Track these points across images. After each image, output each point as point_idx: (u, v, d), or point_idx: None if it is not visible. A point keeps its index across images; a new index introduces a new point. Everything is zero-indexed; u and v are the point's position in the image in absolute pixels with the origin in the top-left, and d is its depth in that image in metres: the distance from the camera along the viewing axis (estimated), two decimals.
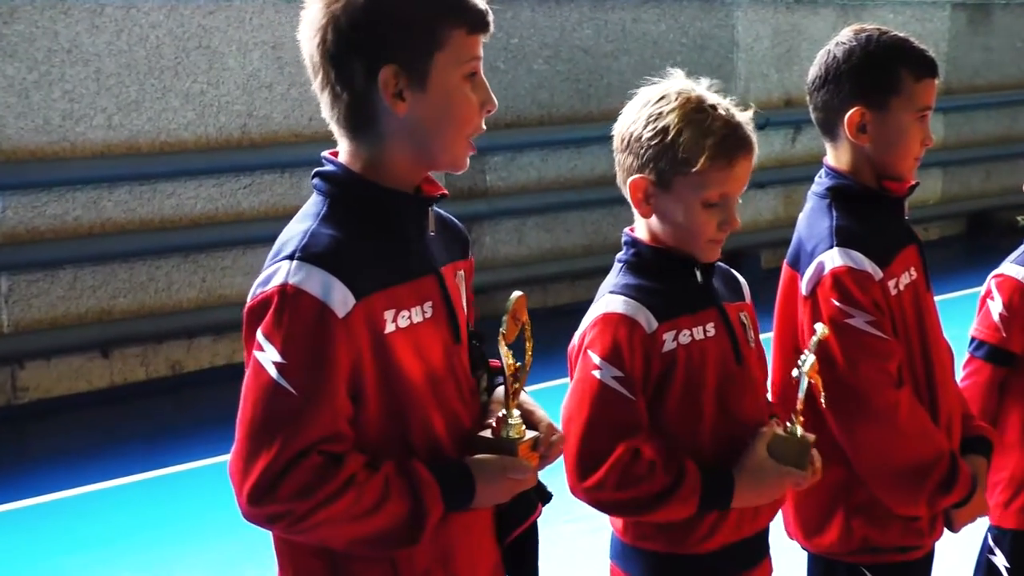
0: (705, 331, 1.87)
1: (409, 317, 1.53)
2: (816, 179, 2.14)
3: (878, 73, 2.06)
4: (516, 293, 1.60)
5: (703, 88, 1.89)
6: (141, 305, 5.53)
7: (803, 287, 2.04)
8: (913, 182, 2.14)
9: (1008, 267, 2.36)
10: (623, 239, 1.95)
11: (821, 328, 1.90)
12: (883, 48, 2.08)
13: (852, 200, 2.08)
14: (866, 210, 2.07)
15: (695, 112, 1.84)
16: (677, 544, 1.87)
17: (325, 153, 1.61)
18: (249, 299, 1.52)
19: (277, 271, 1.49)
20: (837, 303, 1.99)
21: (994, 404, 2.32)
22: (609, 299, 1.86)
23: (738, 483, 1.83)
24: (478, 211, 6.48)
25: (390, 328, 1.51)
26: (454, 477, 1.54)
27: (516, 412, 1.57)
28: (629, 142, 1.88)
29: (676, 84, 1.89)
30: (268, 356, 1.46)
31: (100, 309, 5.43)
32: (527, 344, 1.60)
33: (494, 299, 5.58)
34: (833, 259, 2.00)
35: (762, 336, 2.03)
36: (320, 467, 1.46)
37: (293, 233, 1.54)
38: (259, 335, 1.48)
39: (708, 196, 1.85)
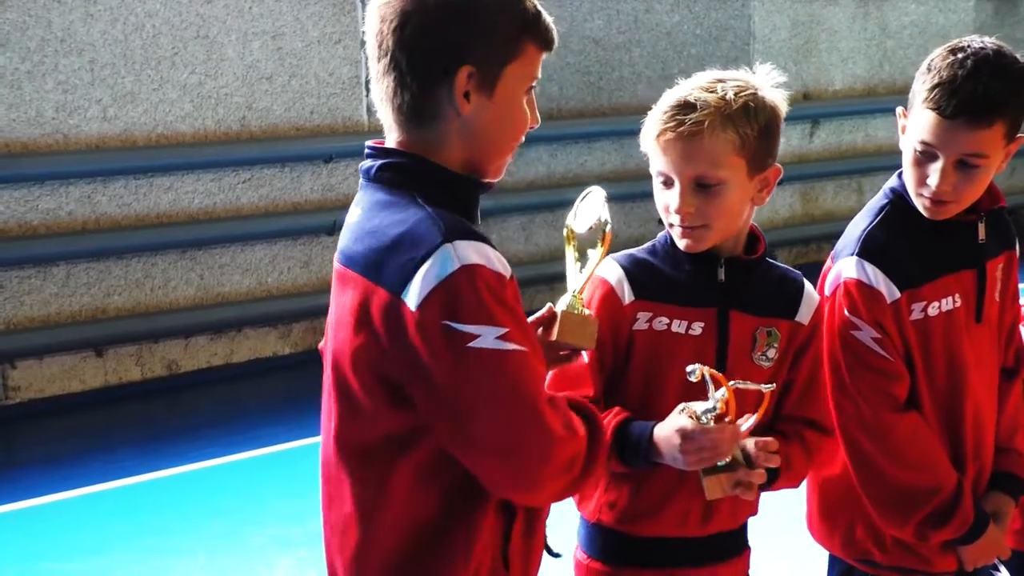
0: (689, 327, 1.85)
1: None
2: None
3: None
4: (594, 188, 1.75)
5: (733, 72, 1.88)
6: (136, 303, 5.50)
7: (826, 286, 2.04)
8: (1001, 203, 2.07)
9: None
10: None
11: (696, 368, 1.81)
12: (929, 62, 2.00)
13: (907, 210, 2.02)
14: (918, 225, 2.01)
15: (668, 92, 1.87)
16: (625, 521, 1.89)
17: (372, 143, 1.62)
18: (418, 300, 1.48)
19: (444, 258, 1.48)
20: (847, 313, 1.99)
21: None
22: (607, 263, 1.89)
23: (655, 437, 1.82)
24: (484, 207, 6.31)
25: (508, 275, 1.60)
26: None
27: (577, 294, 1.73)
28: None
29: (723, 74, 1.90)
30: (489, 335, 1.47)
31: (94, 307, 5.40)
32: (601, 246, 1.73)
33: None
34: (849, 268, 2.00)
35: None
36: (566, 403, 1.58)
37: (417, 229, 1.52)
38: (463, 327, 1.47)
39: (657, 173, 1.86)
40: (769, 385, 1.77)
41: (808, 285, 1.96)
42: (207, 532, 4.01)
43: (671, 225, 1.86)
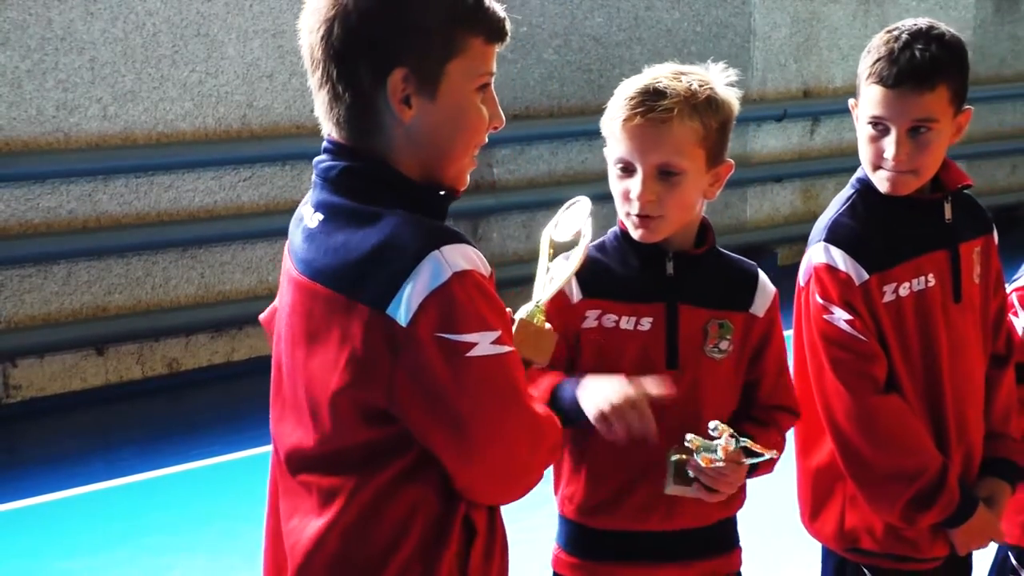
0: (638, 323, 1.85)
1: None
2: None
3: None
4: (581, 198, 1.76)
5: (689, 67, 1.90)
6: (137, 301, 5.49)
7: (800, 276, 2.09)
8: (965, 183, 2.13)
9: None
10: None
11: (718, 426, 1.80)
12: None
13: (873, 197, 2.08)
14: (885, 209, 2.07)
15: (627, 81, 1.89)
16: (584, 514, 1.89)
17: (332, 138, 1.53)
18: (409, 314, 1.41)
19: (433, 267, 1.41)
20: (819, 299, 2.03)
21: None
22: (558, 262, 1.87)
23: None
24: (485, 205, 6.39)
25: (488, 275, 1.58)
26: None
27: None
28: None
29: (689, 68, 1.90)
30: (485, 341, 1.42)
31: (95, 305, 5.39)
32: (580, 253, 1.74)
33: (504, 297, 5.40)
34: (818, 255, 2.04)
35: None
36: None
37: (398, 237, 1.43)
38: (459, 337, 1.41)
39: (616, 160, 1.86)
40: (772, 452, 1.80)
41: (763, 276, 1.96)
42: (208, 530, 4.01)
43: (628, 214, 1.87)
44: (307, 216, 1.52)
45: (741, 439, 1.75)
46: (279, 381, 1.59)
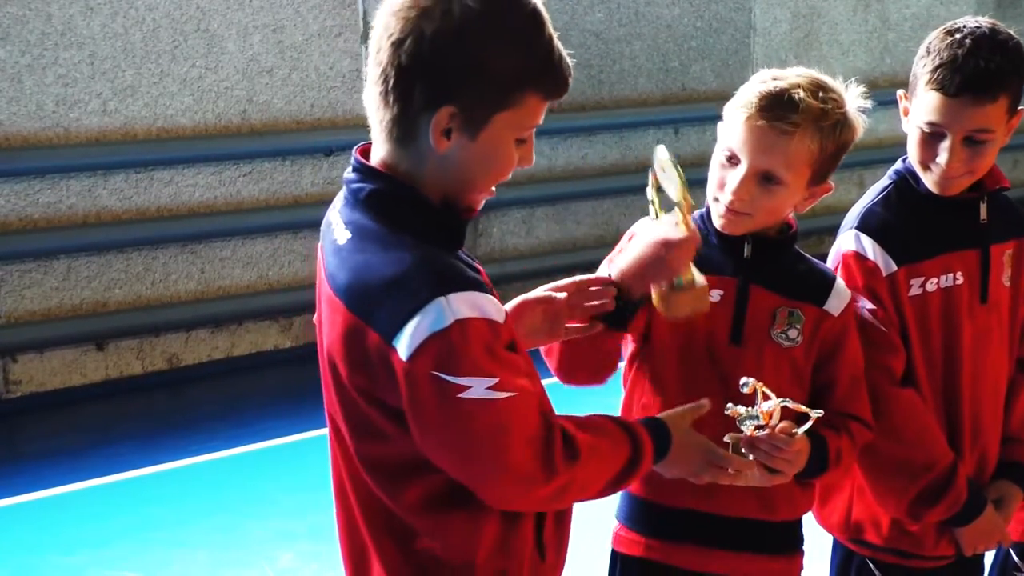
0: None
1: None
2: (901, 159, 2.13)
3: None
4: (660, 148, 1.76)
5: (829, 80, 1.91)
6: (137, 297, 5.50)
7: (829, 262, 2.07)
8: (1004, 185, 2.10)
9: None
10: None
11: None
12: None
13: (910, 190, 2.06)
14: (919, 203, 2.05)
15: (764, 73, 1.93)
16: (649, 489, 1.91)
17: (360, 158, 1.59)
18: (409, 351, 1.48)
19: (437, 312, 1.47)
20: None
21: None
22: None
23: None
24: (485, 201, 6.37)
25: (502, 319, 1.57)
26: (657, 430, 1.67)
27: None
28: None
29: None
30: (480, 386, 1.47)
31: (95, 301, 5.41)
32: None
33: (504, 293, 5.41)
34: (848, 242, 2.04)
35: None
36: (564, 434, 1.54)
37: (411, 277, 1.49)
38: (454, 379, 1.47)
39: (725, 148, 1.87)
40: (818, 411, 1.77)
41: (841, 281, 1.96)
42: (208, 525, 4.02)
43: (716, 200, 1.88)
44: (337, 229, 1.58)
45: (780, 399, 1.73)
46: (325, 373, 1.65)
